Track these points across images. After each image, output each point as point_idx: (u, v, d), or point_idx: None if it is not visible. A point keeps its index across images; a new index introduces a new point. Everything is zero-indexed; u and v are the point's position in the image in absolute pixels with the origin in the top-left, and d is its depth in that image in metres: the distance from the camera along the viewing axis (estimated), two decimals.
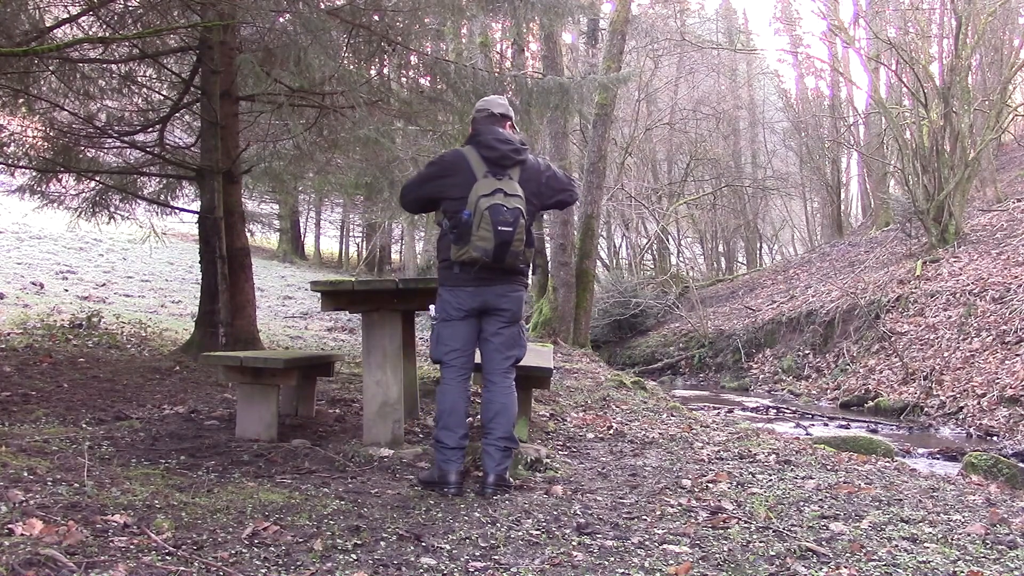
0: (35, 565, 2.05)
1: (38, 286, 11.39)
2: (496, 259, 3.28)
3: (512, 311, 3.45)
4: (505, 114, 3.55)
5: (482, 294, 3.40)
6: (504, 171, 3.36)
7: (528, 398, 4.37)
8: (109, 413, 4.67)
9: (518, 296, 3.46)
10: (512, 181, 3.35)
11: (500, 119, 3.51)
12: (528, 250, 3.38)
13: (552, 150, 14.28)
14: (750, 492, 3.64)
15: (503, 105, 3.60)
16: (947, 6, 15.03)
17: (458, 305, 3.42)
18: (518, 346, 3.50)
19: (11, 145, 7.21)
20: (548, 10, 7.72)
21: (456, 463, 3.36)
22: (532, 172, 3.46)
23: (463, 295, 3.40)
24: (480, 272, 3.35)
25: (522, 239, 3.31)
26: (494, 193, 3.27)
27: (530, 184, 3.43)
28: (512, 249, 3.29)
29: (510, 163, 3.38)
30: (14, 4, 5.66)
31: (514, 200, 3.31)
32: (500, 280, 3.40)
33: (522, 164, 3.43)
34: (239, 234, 7.27)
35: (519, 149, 3.42)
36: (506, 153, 3.36)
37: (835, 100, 25.43)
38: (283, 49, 6.22)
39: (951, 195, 13.59)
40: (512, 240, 3.26)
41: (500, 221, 3.23)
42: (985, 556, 2.75)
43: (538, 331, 13.00)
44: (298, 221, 28.28)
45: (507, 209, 3.26)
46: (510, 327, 3.47)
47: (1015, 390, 8.11)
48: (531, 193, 3.42)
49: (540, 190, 3.48)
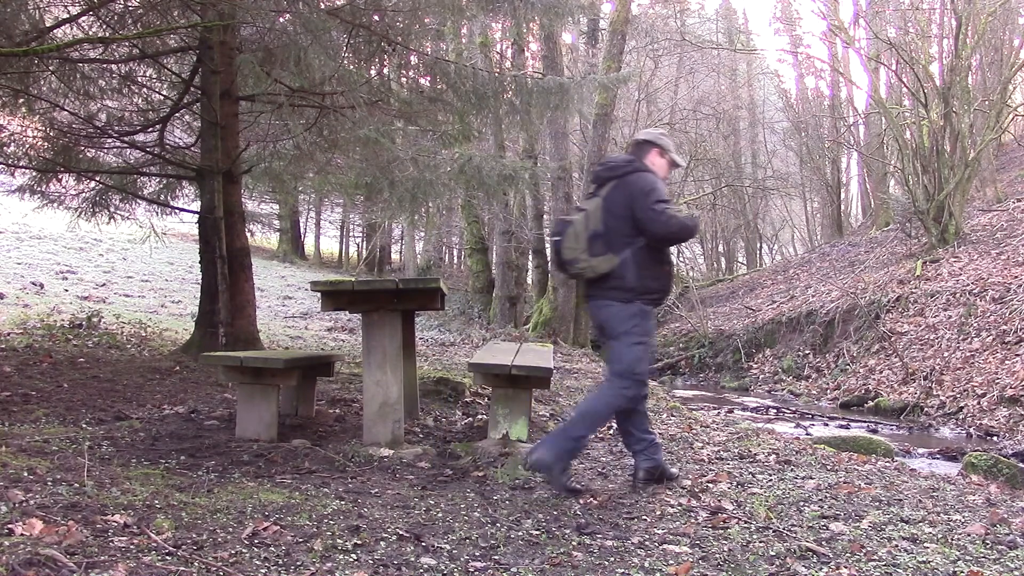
0: (35, 565, 2.05)
1: (38, 286, 11.39)
2: (556, 266, 3.60)
3: (605, 327, 3.55)
4: (648, 140, 3.72)
5: (589, 307, 3.67)
6: (598, 189, 3.59)
7: (528, 398, 4.37)
8: (109, 413, 4.67)
9: (609, 311, 3.51)
10: (595, 197, 3.57)
11: (644, 146, 3.70)
12: (596, 260, 3.45)
13: (552, 150, 14.30)
14: (750, 492, 3.64)
15: (649, 133, 3.80)
16: (947, 6, 15.03)
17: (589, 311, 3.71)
18: (618, 361, 3.51)
19: (11, 145, 7.20)
20: (548, 10, 7.72)
21: (641, 460, 3.63)
22: (621, 190, 3.51)
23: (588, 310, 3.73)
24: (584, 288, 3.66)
25: (575, 247, 3.47)
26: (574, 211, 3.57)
27: (611, 200, 3.51)
28: (564, 257, 3.51)
29: (602, 182, 3.59)
30: (14, 4, 5.66)
31: (578, 214, 3.54)
32: (594, 295, 3.57)
33: (616, 181, 3.54)
34: (239, 234, 7.26)
35: (612, 168, 3.59)
36: (599, 173, 3.63)
37: (835, 100, 25.44)
38: (283, 49, 6.21)
39: (951, 195, 13.59)
40: (561, 248, 3.50)
41: (553, 231, 3.58)
42: (985, 556, 2.75)
43: (538, 331, 13.01)
44: (298, 221, 28.28)
45: (563, 220, 3.56)
46: (613, 341, 3.53)
47: (1015, 390, 8.11)
48: (611, 209, 3.49)
49: (621, 210, 3.48)
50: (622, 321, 3.47)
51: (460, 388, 6.09)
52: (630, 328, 3.46)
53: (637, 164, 3.60)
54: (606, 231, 3.45)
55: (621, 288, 3.45)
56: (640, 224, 3.44)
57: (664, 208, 3.43)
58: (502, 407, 4.28)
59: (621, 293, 3.46)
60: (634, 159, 3.64)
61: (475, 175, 8.61)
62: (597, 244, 3.45)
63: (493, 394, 4.40)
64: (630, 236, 3.45)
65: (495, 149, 15.23)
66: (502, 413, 4.28)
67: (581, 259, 3.48)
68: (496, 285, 17.11)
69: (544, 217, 16.21)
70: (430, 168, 8.33)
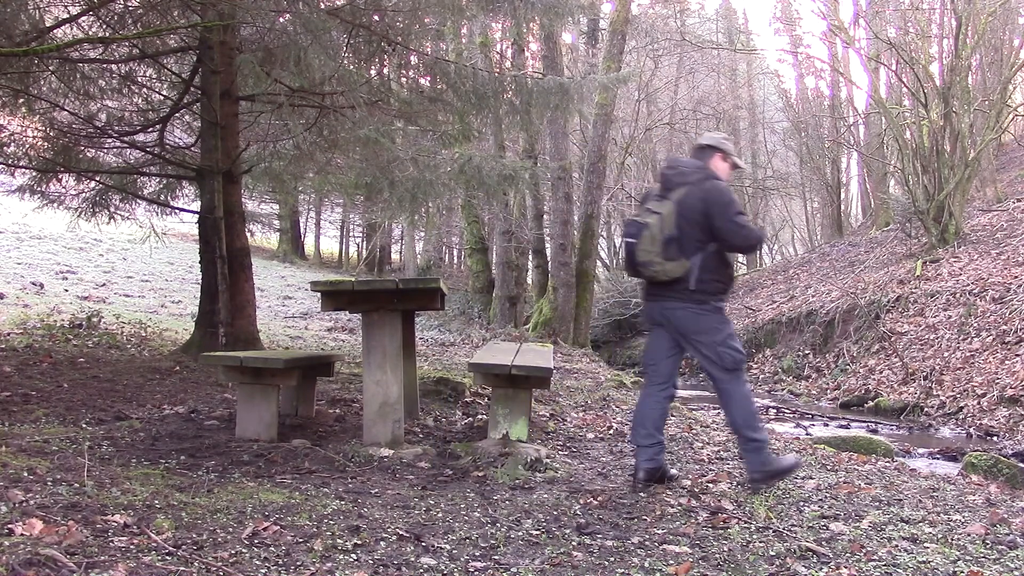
0: (35, 565, 2.05)
1: (38, 286, 11.38)
2: (628, 268, 3.64)
3: (680, 327, 3.60)
4: (711, 145, 3.78)
5: (651, 309, 3.70)
6: (668, 193, 3.60)
7: (528, 398, 4.37)
8: (109, 413, 4.67)
9: (683, 313, 3.58)
10: (667, 201, 3.57)
11: (707, 150, 3.76)
12: (670, 264, 3.51)
13: (552, 150, 14.28)
14: (750, 492, 3.64)
15: (712, 138, 3.88)
16: (947, 6, 15.03)
17: (644, 316, 3.82)
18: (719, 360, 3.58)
19: (11, 145, 7.19)
20: (548, 10, 7.72)
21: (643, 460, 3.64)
22: (695, 196, 3.55)
23: (644, 309, 3.80)
24: (646, 287, 3.69)
25: (651, 250, 3.50)
26: (643, 212, 3.60)
27: (685, 205, 3.54)
28: (639, 259, 3.54)
29: (673, 186, 3.61)
30: (14, 4, 5.66)
31: (652, 216, 3.55)
32: (662, 296, 3.61)
33: (688, 186, 3.58)
34: (239, 234, 7.26)
35: (684, 173, 3.62)
36: (670, 177, 3.64)
37: (835, 100, 25.43)
38: (283, 49, 6.21)
39: (951, 195, 13.59)
40: (635, 250, 3.54)
41: (626, 233, 3.60)
42: (985, 556, 2.75)
43: (538, 331, 13.00)
44: (298, 221, 28.27)
45: (636, 223, 3.58)
46: (694, 341, 3.59)
47: (1015, 390, 8.11)
48: (685, 214, 3.53)
49: (695, 216, 3.53)
50: (700, 320, 3.58)
51: (460, 388, 6.09)
52: (714, 325, 3.59)
53: (709, 171, 3.67)
54: (680, 236, 3.52)
55: (693, 290, 3.54)
56: (720, 234, 3.54)
57: (745, 221, 3.59)
58: (502, 407, 4.28)
59: (694, 295, 3.55)
60: (704, 165, 3.69)
61: (475, 175, 8.61)
62: (671, 248, 3.51)
63: (493, 394, 4.40)
64: (702, 241, 3.54)
65: (495, 149, 15.22)
66: (502, 413, 4.28)
67: (656, 262, 3.53)
68: (496, 285, 17.10)
69: (544, 217, 16.18)
70: (430, 168, 8.33)
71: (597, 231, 15.50)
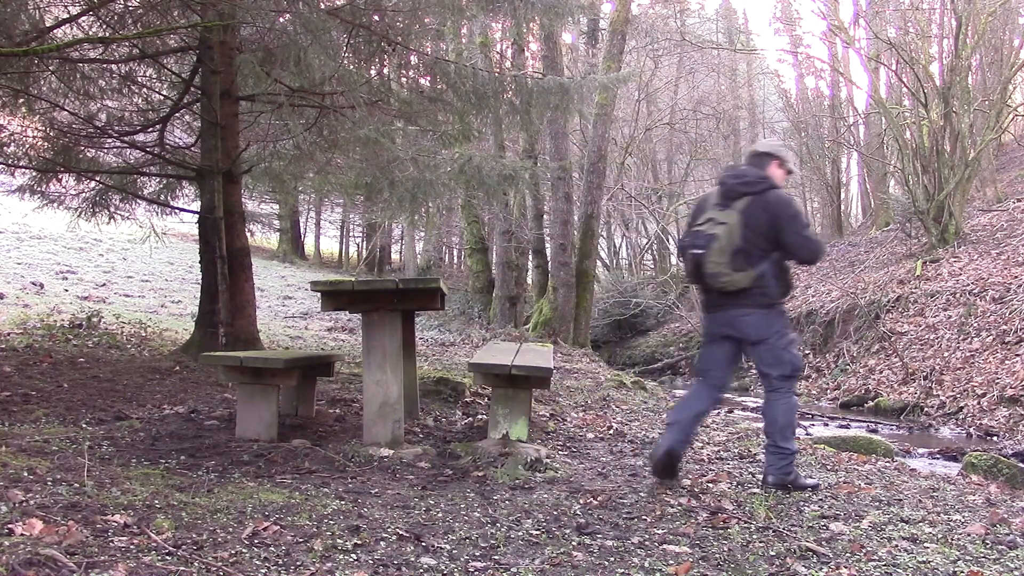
0: (35, 565, 2.05)
1: (38, 286, 11.38)
2: (695, 279, 3.62)
3: (748, 333, 3.65)
4: (769, 153, 3.80)
5: (715, 320, 3.72)
6: (730, 202, 3.60)
7: (528, 398, 4.37)
8: (109, 413, 4.67)
9: (748, 319, 3.63)
10: (731, 211, 3.57)
11: (764, 157, 3.78)
12: (738, 274, 3.54)
13: (552, 150, 14.28)
14: (750, 492, 3.64)
15: (768, 145, 3.90)
16: (947, 6, 15.03)
17: (707, 328, 3.82)
18: (779, 364, 3.65)
19: (11, 145, 7.19)
20: (548, 10, 7.72)
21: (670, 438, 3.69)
22: (759, 206, 3.58)
23: (705, 321, 3.81)
24: (709, 298, 3.70)
25: (720, 262, 3.52)
26: (705, 222, 3.59)
27: (751, 216, 3.56)
28: (707, 270, 3.54)
29: (736, 195, 3.61)
30: (14, 4, 5.66)
31: (719, 227, 3.55)
32: (727, 305, 3.63)
33: (752, 196, 3.60)
34: (239, 234, 7.26)
35: (748, 183, 3.63)
36: (732, 186, 3.63)
37: (835, 100, 25.43)
38: (283, 49, 6.21)
39: (951, 195, 13.59)
40: (704, 261, 3.53)
41: (692, 244, 3.56)
42: (985, 556, 2.75)
43: (538, 331, 13.00)
44: (298, 221, 28.26)
45: (704, 234, 3.55)
46: (759, 346, 3.66)
47: (1015, 390, 8.11)
48: (750, 225, 3.56)
49: (760, 227, 3.57)
50: (769, 325, 3.64)
51: (460, 388, 6.09)
52: (779, 329, 3.67)
53: (770, 181, 3.69)
54: (745, 246, 3.55)
55: (761, 296, 3.60)
56: (789, 248, 3.61)
57: (812, 234, 3.69)
58: (502, 407, 4.28)
59: (762, 300, 3.61)
60: (764, 174, 3.71)
61: (475, 175, 8.61)
62: (739, 258, 3.54)
63: (493, 394, 4.40)
64: (767, 251, 3.59)
65: (495, 149, 15.22)
66: (502, 413, 4.28)
67: (725, 273, 3.54)
68: (496, 285, 17.10)
69: (544, 217, 16.17)
70: (430, 168, 8.33)
71: (597, 231, 15.50)
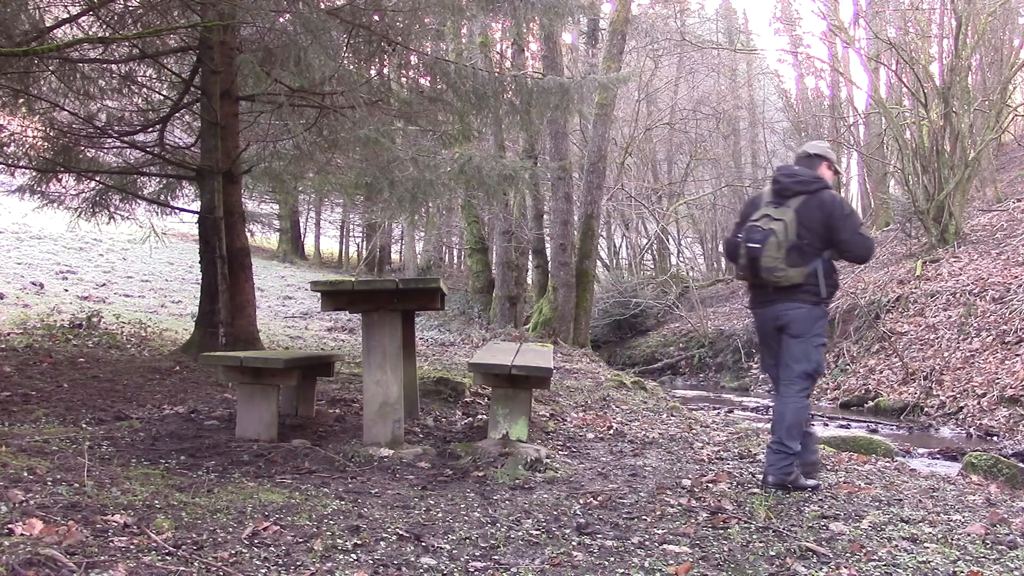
0: (35, 565, 2.05)
1: (38, 286, 11.38)
2: (751, 273, 3.71)
3: (791, 326, 3.74)
4: (819, 154, 3.92)
5: (764, 315, 3.83)
6: (784, 200, 3.72)
7: (528, 398, 4.37)
8: (109, 413, 4.67)
9: (796, 312, 3.72)
10: (786, 208, 3.69)
11: (814, 159, 3.89)
12: (792, 270, 3.64)
13: (552, 150, 14.28)
14: (750, 492, 3.64)
15: (818, 147, 4.00)
16: (947, 6, 15.02)
17: (756, 323, 3.94)
18: (806, 360, 3.74)
19: (11, 145, 7.19)
20: (548, 10, 7.72)
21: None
22: (813, 205, 3.69)
23: (756, 318, 3.92)
24: (759, 293, 3.81)
25: (776, 257, 3.63)
26: (760, 218, 3.71)
27: (805, 214, 3.67)
28: (763, 265, 3.65)
29: (790, 193, 3.73)
30: (14, 4, 5.66)
31: (775, 223, 3.66)
32: (777, 300, 3.74)
33: (806, 195, 3.71)
34: (239, 234, 7.26)
35: (803, 182, 3.75)
36: (787, 185, 3.75)
37: (835, 100, 25.41)
38: (283, 49, 6.21)
39: (951, 195, 13.58)
40: (760, 256, 3.64)
41: (749, 239, 3.67)
42: (985, 556, 2.75)
43: (538, 331, 12.99)
44: (298, 221, 28.26)
45: (760, 229, 3.67)
46: (795, 340, 3.74)
47: (1015, 390, 8.11)
48: (805, 223, 3.67)
49: (815, 225, 3.68)
50: (812, 323, 3.73)
51: (460, 388, 6.10)
52: (818, 329, 3.76)
53: (824, 181, 3.81)
54: (799, 243, 3.66)
55: (811, 294, 3.71)
56: (844, 245, 3.72)
57: (866, 232, 3.79)
58: (502, 407, 4.28)
59: (811, 297, 3.71)
60: (818, 175, 3.82)
61: (475, 175, 8.60)
62: (793, 255, 3.65)
63: (493, 394, 4.41)
64: (820, 249, 3.70)
65: (495, 149, 15.22)
66: (502, 413, 4.28)
67: (780, 268, 3.65)
68: (496, 285, 17.09)
69: (544, 217, 16.16)
70: (430, 168, 8.33)
71: (597, 231, 15.49)
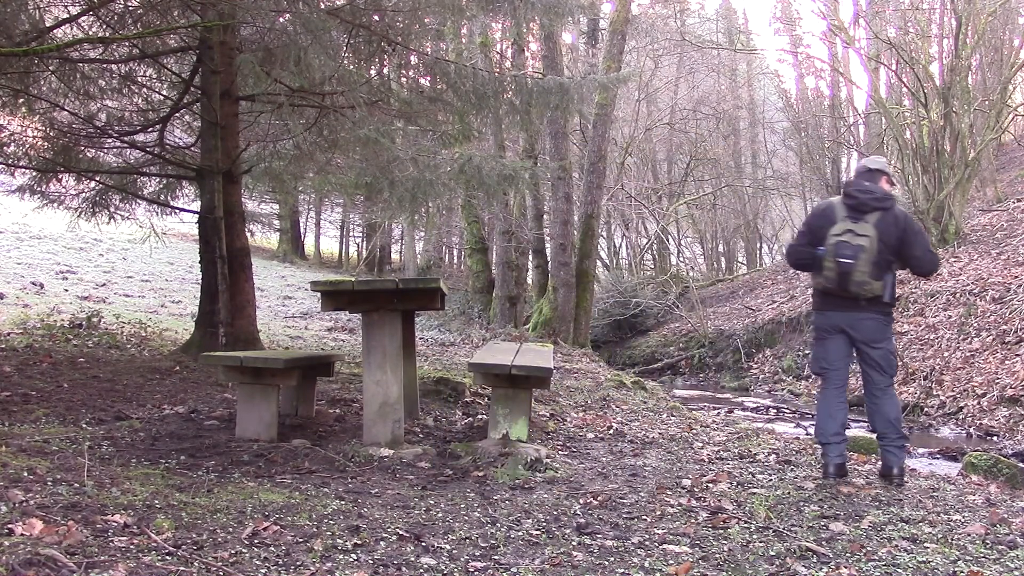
0: (35, 565, 2.05)
1: (38, 286, 11.38)
2: (840, 286, 3.85)
3: (865, 335, 3.95)
4: (880, 170, 4.08)
5: (834, 318, 3.99)
6: (861, 216, 3.88)
7: (528, 398, 4.37)
8: (109, 413, 4.67)
9: (871, 323, 3.94)
10: (866, 224, 3.86)
11: (876, 173, 4.04)
12: (876, 283, 3.83)
13: (552, 150, 14.28)
14: (750, 492, 3.64)
15: (879, 162, 4.15)
16: (947, 6, 15.02)
17: (825, 325, 4.05)
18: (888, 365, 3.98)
19: (11, 145, 7.19)
20: (548, 10, 7.72)
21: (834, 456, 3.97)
22: (890, 221, 3.87)
23: (827, 317, 4.04)
24: (834, 299, 3.94)
25: (864, 271, 3.80)
26: (844, 232, 3.86)
27: (884, 230, 3.85)
28: (855, 279, 3.82)
29: (868, 209, 3.89)
30: (14, 4, 5.66)
31: (860, 239, 3.83)
32: (851, 308, 3.92)
33: (882, 211, 3.88)
34: (239, 234, 7.26)
35: (879, 198, 3.91)
36: (864, 201, 3.90)
37: (835, 100, 25.39)
38: (283, 49, 6.21)
39: (951, 195, 13.58)
40: (852, 271, 3.81)
41: (841, 254, 3.82)
42: (985, 556, 2.75)
43: (538, 331, 12.99)
44: (298, 221, 28.25)
45: (850, 245, 3.83)
46: (875, 349, 3.96)
47: (1015, 390, 8.11)
48: (883, 238, 3.84)
49: (891, 240, 3.87)
50: (884, 331, 3.98)
51: (460, 388, 6.10)
52: (889, 334, 4.02)
53: (893, 197, 3.99)
54: (879, 258, 3.85)
55: (885, 304, 3.93)
56: (917, 261, 3.95)
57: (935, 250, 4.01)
58: (502, 407, 4.28)
59: (884, 307, 3.94)
60: (889, 192, 3.99)
61: (475, 175, 8.60)
62: (875, 268, 3.84)
63: (493, 394, 4.41)
64: (891, 262, 3.91)
65: (495, 149, 15.21)
66: (502, 413, 4.28)
67: (868, 282, 3.83)
68: (496, 285, 17.08)
69: (544, 217, 16.15)
70: (430, 168, 8.32)
71: (597, 231, 15.49)
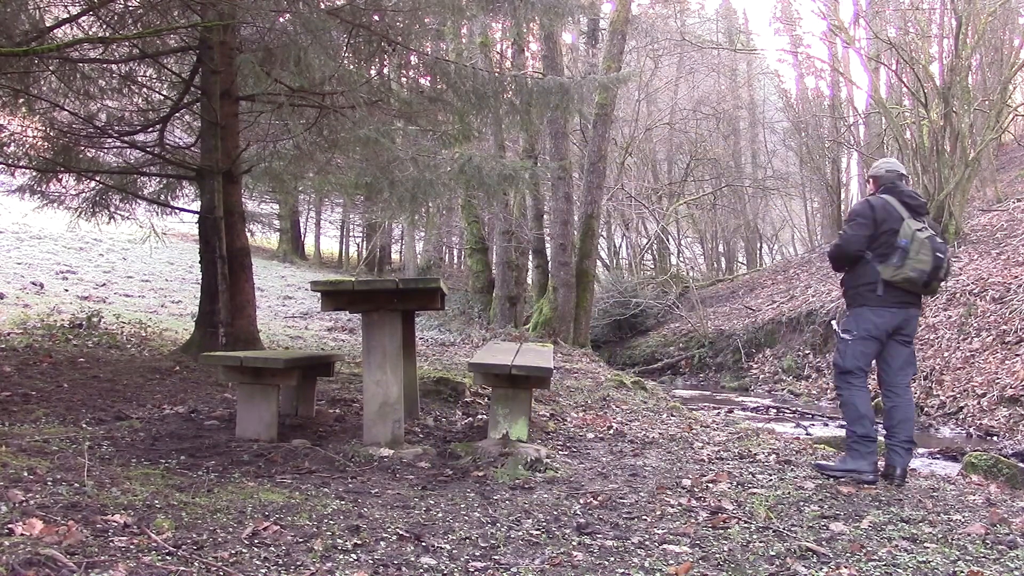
0: (35, 565, 2.05)
1: (38, 286, 11.39)
2: (931, 279, 3.96)
3: (910, 331, 4.10)
4: (904, 174, 4.32)
5: (899, 315, 4.03)
6: (920, 217, 4.13)
7: (528, 398, 4.37)
8: (109, 413, 4.67)
9: (917, 319, 4.14)
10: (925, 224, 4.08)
11: (904, 178, 4.28)
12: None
13: (552, 150, 14.28)
14: (750, 492, 3.64)
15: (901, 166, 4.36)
16: (947, 6, 15.02)
17: (879, 323, 4.02)
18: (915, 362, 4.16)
19: (11, 145, 7.19)
20: (548, 10, 7.71)
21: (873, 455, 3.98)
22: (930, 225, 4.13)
23: (886, 315, 4.02)
24: (904, 295, 4.01)
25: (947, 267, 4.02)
26: (923, 229, 4.01)
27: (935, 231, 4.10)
28: (950, 272, 4.06)
29: (923, 211, 4.17)
30: (14, 4, 5.66)
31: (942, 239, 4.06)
32: (913, 303, 4.06)
33: (927, 216, 4.18)
34: (239, 234, 7.26)
35: (924, 203, 4.21)
36: (921, 203, 4.18)
37: (835, 100, 25.38)
38: (283, 49, 6.21)
39: (951, 195, 13.58)
40: (942, 264, 3.98)
41: (938, 248, 3.97)
42: (985, 556, 2.75)
43: (538, 331, 12.99)
44: (298, 221, 28.26)
45: (940, 241, 4.02)
46: (907, 346, 4.10)
47: (1015, 390, 8.11)
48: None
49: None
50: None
51: (460, 388, 6.10)
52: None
53: None
54: None
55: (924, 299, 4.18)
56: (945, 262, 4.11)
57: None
58: (502, 407, 4.28)
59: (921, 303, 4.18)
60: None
61: (475, 175, 8.60)
62: None
63: (493, 394, 4.41)
64: None
65: (495, 149, 15.21)
66: (502, 413, 4.28)
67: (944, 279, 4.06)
68: (496, 285, 17.09)
69: (544, 217, 16.15)
70: (430, 168, 8.33)
71: (597, 231, 15.48)
